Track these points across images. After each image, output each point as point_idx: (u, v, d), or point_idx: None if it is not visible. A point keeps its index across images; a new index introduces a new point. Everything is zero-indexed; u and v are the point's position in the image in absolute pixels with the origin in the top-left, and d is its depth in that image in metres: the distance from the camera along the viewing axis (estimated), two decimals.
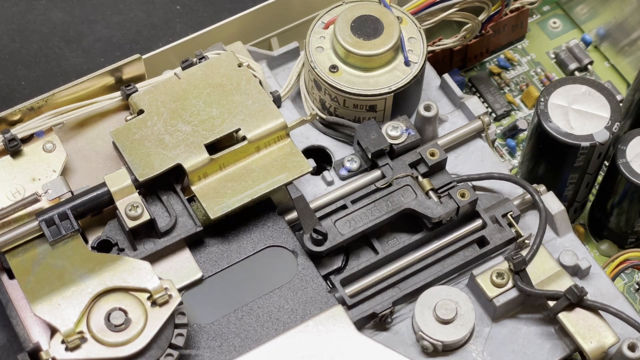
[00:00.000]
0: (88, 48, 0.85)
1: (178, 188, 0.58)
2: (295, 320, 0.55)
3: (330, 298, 0.56)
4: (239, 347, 0.54)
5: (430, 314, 0.56)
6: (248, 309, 0.55)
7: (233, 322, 0.55)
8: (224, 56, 0.61)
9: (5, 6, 0.87)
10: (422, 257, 0.58)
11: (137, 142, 0.58)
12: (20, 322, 0.55)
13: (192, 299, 0.56)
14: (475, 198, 0.58)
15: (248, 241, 0.58)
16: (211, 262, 0.57)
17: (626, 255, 0.64)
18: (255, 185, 0.57)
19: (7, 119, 0.59)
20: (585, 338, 0.55)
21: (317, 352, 0.54)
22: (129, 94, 0.60)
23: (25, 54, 0.85)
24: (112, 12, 0.87)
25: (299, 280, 0.56)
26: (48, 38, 0.85)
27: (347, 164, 0.62)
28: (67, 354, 0.51)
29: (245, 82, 0.60)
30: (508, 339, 0.57)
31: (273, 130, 0.58)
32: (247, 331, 0.55)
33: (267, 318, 0.55)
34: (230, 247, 0.57)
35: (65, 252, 0.55)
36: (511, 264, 0.57)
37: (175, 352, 0.52)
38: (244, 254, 0.57)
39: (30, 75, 0.83)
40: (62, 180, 0.58)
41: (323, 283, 0.56)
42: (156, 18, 0.87)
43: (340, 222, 0.58)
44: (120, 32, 0.86)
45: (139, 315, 0.52)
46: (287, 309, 0.55)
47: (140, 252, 0.56)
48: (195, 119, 0.58)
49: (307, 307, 0.55)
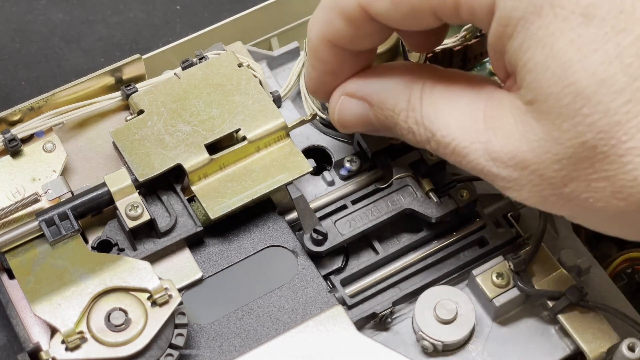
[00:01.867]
0: (88, 48, 0.85)
1: (178, 188, 0.58)
2: (295, 320, 0.55)
3: (330, 298, 0.56)
4: (239, 347, 0.54)
5: (430, 314, 0.56)
6: (248, 309, 0.55)
7: (233, 322, 0.55)
8: (224, 56, 0.61)
9: (5, 6, 0.87)
10: (422, 257, 0.58)
11: (137, 142, 0.58)
12: (20, 322, 0.55)
13: (192, 299, 0.56)
14: (475, 198, 0.58)
15: (248, 241, 0.58)
16: (211, 262, 0.57)
17: (626, 255, 0.64)
18: (256, 185, 0.57)
19: (7, 119, 0.59)
20: (585, 338, 0.55)
21: (317, 352, 0.54)
22: (129, 94, 0.60)
23: (25, 54, 0.85)
24: (112, 12, 0.87)
25: (299, 280, 0.56)
26: (48, 38, 0.85)
27: (347, 164, 0.62)
28: (67, 354, 0.51)
29: (245, 82, 0.60)
30: (508, 339, 0.57)
31: (273, 130, 0.58)
32: (247, 331, 0.55)
33: (267, 318, 0.55)
34: (230, 247, 0.57)
35: (65, 252, 0.55)
36: (511, 264, 0.57)
37: (175, 352, 0.52)
38: (244, 253, 0.57)
39: (30, 75, 0.83)
40: (62, 180, 0.58)
41: (323, 283, 0.56)
42: (156, 18, 0.87)
43: (341, 222, 0.58)
44: (120, 32, 0.86)
45: (139, 315, 0.52)
46: (288, 309, 0.55)
47: (140, 252, 0.56)
48: (196, 119, 0.58)
49: (307, 307, 0.55)
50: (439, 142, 0.49)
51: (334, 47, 0.52)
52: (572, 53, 0.43)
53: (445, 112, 0.49)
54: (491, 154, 0.46)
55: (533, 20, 0.43)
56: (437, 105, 0.49)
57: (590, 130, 0.43)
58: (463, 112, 0.48)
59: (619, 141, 0.42)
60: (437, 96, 0.49)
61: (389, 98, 0.51)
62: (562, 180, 0.45)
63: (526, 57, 0.44)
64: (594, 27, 0.42)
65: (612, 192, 0.43)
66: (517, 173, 0.46)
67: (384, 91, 0.52)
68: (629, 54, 0.42)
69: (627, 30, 0.42)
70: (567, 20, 0.43)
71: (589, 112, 0.42)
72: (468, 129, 0.47)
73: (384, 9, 0.48)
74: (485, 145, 0.47)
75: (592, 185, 0.44)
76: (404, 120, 0.50)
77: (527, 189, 0.46)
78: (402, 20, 0.49)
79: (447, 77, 0.50)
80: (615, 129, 0.42)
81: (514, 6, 0.44)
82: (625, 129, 0.42)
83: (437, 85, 0.50)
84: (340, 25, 0.50)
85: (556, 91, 0.43)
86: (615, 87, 0.42)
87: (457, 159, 0.48)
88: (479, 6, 0.45)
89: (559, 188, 0.45)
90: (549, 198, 0.46)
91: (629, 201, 0.43)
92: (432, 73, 0.51)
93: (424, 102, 0.50)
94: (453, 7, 0.46)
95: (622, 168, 0.43)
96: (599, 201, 0.44)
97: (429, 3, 0.47)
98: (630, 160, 0.42)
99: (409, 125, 0.50)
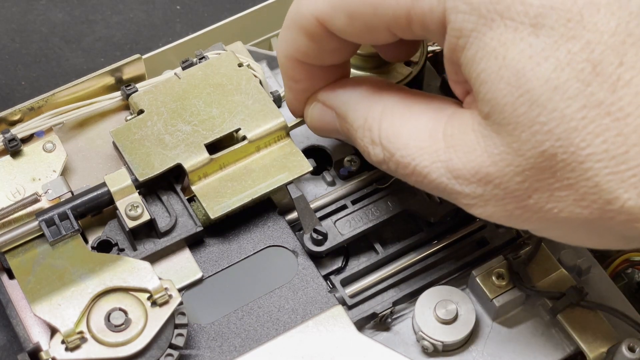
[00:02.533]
0: (88, 48, 0.85)
1: (178, 188, 0.58)
2: (295, 320, 0.55)
3: (330, 298, 0.56)
4: (239, 347, 0.54)
5: (430, 314, 0.56)
6: (248, 309, 0.55)
7: (233, 322, 0.55)
8: (224, 56, 0.61)
9: (5, 6, 0.87)
10: (422, 257, 0.58)
11: (137, 142, 0.58)
12: (20, 322, 0.55)
13: (193, 298, 0.56)
14: None
15: (248, 241, 0.58)
16: (211, 262, 0.57)
17: (626, 255, 0.64)
18: (256, 185, 0.57)
19: (7, 119, 0.59)
20: (585, 338, 0.55)
21: (317, 352, 0.54)
22: (129, 93, 0.60)
23: (25, 54, 0.85)
24: (112, 12, 0.87)
25: (299, 280, 0.56)
26: (48, 38, 0.85)
27: (347, 164, 0.62)
28: (67, 354, 0.51)
29: (245, 82, 0.60)
30: (508, 339, 0.57)
31: (273, 130, 0.58)
32: (248, 331, 0.55)
33: (267, 318, 0.55)
34: (230, 247, 0.57)
35: (65, 252, 0.55)
36: (511, 263, 0.57)
37: (175, 352, 0.52)
38: (244, 253, 0.57)
39: (30, 75, 0.83)
40: (63, 180, 0.58)
41: (323, 283, 0.56)
42: (156, 18, 0.87)
43: (341, 222, 0.58)
44: (120, 32, 0.86)
45: (139, 316, 0.52)
46: (288, 309, 0.55)
47: (140, 252, 0.56)
48: (196, 118, 0.58)
49: (308, 307, 0.55)
50: (397, 162, 0.49)
51: (302, 64, 0.53)
52: (525, 61, 0.43)
53: (404, 133, 0.49)
54: (453, 172, 0.47)
55: (485, 32, 0.44)
56: (397, 125, 0.49)
57: (548, 139, 0.43)
58: (422, 132, 0.48)
59: (578, 148, 0.42)
60: (397, 116, 0.50)
61: (349, 112, 0.52)
62: (526, 192, 0.45)
63: (480, 68, 0.44)
64: (543, 36, 0.43)
65: (575, 200, 0.43)
66: (481, 189, 0.46)
67: (347, 105, 0.53)
68: (580, 59, 0.42)
69: (576, 37, 0.42)
70: (518, 31, 0.43)
71: (545, 119, 0.43)
72: (428, 148, 0.48)
73: (340, 25, 0.49)
74: (446, 164, 0.47)
75: (555, 195, 0.44)
76: (361, 137, 0.51)
77: (491, 204, 0.46)
78: (359, 36, 0.49)
79: (410, 98, 0.51)
80: (572, 136, 0.42)
81: (465, 18, 0.44)
82: (583, 135, 0.42)
83: (398, 105, 0.50)
84: (303, 42, 0.51)
85: (511, 100, 0.43)
86: (568, 93, 0.42)
87: (417, 179, 0.48)
88: (431, 20, 0.46)
89: (523, 200, 0.45)
90: (514, 212, 0.46)
91: (592, 208, 0.43)
92: (396, 92, 0.51)
93: (383, 123, 0.50)
94: (405, 22, 0.47)
95: (583, 175, 0.43)
96: (563, 211, 0.44)
97: (382, 19, 0.47)
98: (590, 167, 0.42)
99: (364, 144, 0.51)
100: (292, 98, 0.56)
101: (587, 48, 0.42)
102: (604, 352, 0.55)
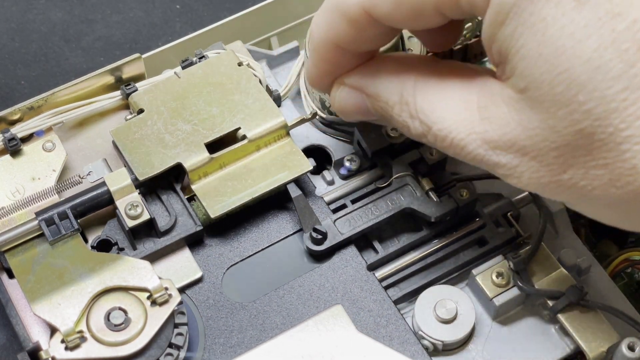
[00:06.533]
0: (88, 47, 0.85)
1: (178, 187, 0.58)
2: (335, 299, 0.55)
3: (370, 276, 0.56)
4: (280, 324, 0.55)
5: (430, 313, 0.56)
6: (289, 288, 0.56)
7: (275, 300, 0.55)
8: (224, 55, 0.61)
9: (5, 5, 0.87)
10: (422, 256, 0.58)
11: (137, 142, 0.58)
12: (20, 321, 0.55)
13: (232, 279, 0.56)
14: (475, 198, 0.58)
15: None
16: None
17: (626, 255, 0.64)
18: (256, 184, 0.57)
19: (7, 118, 0.59)
20: (585, 338, 0.55)
21: (317, 352, 0.54)
22: (128, 93, 0.60)
23: (25, 54, 0.85)
24: (111, 12, 0.87)
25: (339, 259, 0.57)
26: (48, 37, 0.85)
27: (347, 163, 0.62)
28: (66, 353, 0.51)
29: (245, 81, 0.60)
30: (508, 338, 0.57)
31: (273, 129, 0.58)
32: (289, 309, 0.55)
33: (308, 297, 0.56)
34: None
35: (65, 251, 0.55)
36: (511, 263, 0.57)
37: (175, 352, 0.52)
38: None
39: (30, 75, 0.83)
40: (104, 163, 0.58)
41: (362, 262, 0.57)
42: (156, 17, 0.87)
43: (340, 222, 0.58)
44: (119, 32, 0.86)
45: (139, 315, 0.52)
46: (328, 288, 0.56)
47: (140, 252, 0.56)
48: (196, 118, 0.58)
49: (347, 286, 0.56)
50: (435, 135, 0.49)
51: (337, 48, 0.52)
52: (565, 39, 0.42)
53: (439, 106, 0.48)
54: (490, 143, 0.46)
55: (525, 7, 0.43)
56: (431, 98, 0.49)
57: (586, 118, 0.42)
58: (457, 104, 0.48)
59: (617, 129, 0.42)
60: (431, 89, 0.49)
61: (382, 91, 0.51)
62: (561, 167, 0.44)
63: (519, 44, 0.44)
64: (587, 12, 0.41)
65: (610, 180, 0.43)
66: (517, 160, 0.46)
67: (378, 84, 0.52)
68: (625, 39, 0.41)
69: (622, 15, 0.41)
70: (560, 5, 0.42)
71: (584, 99, 0.42)
72: (464, 120, 0.47)
73: (386, 10, 0.48)
74: (482, 136, 0.46)
75: (589, 173, 0.43)
76: (398, 114, 0.50)
77: (526, 175, 0.46)
78: (405, 21, 0.48)
79: (440, 69, 0.50)
80: (612, 117, 0.42)
81: None
82: (623, 117, 0.41)
83: (430, 78, 0.50)
84: (344, 28, 0.50)
85: (549, 78, 0.43)
86: (611, 74, 0.41)
87: (455, 151, 0.48)
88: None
89: (558, 175, 0.45)
90: (549, 185, 0.45)
91: (627, 190, 0.43)
92: (426, 65, 0.51)
93: (417, 97, 0.49)
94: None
95: (620, 156, 0.42)
96: (597, 189, 0.44)
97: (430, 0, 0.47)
98: (628, 149, 0.42)
99: (402, 119, 0.50)
100: (316, 75, 0.55)
101: (633, 27, 0.41)
102: (603, 351, 0.55)
